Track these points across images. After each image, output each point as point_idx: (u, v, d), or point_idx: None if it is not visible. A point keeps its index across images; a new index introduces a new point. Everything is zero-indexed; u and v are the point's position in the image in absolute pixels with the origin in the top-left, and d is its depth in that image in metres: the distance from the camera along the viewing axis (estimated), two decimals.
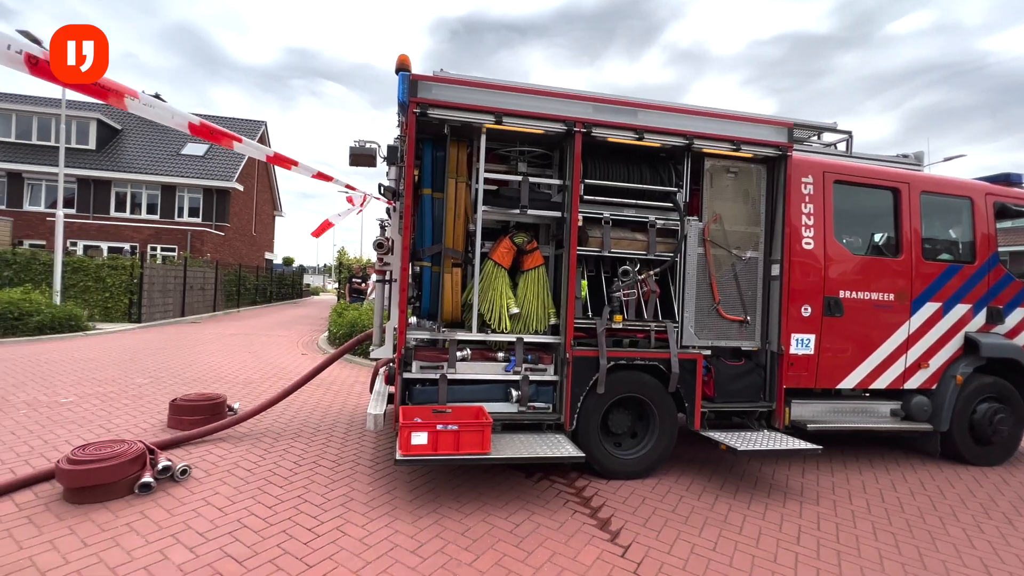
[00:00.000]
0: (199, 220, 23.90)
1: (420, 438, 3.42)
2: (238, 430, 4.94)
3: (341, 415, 5.66)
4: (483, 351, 4.06)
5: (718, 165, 4.37)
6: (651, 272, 4.20)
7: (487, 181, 4.09)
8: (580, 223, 4.01)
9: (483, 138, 3.95)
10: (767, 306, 4.42)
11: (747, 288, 4.40)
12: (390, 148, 4.74)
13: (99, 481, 3.40)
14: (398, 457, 3.37)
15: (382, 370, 4.71)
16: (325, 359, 5.21)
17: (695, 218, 4.34)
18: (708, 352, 4.28)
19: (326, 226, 11.58)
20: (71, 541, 2.93)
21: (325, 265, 69.78)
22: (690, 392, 4.14)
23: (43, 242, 19.90)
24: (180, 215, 23.91)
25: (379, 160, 4.97)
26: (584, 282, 4.17)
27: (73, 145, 22.30)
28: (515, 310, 3.98)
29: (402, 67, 3.76)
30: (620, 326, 4.10)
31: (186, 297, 16.34)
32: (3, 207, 21.80)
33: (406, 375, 3.86)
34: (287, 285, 32.00)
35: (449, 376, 3.90)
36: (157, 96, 26.62)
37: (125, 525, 3.12)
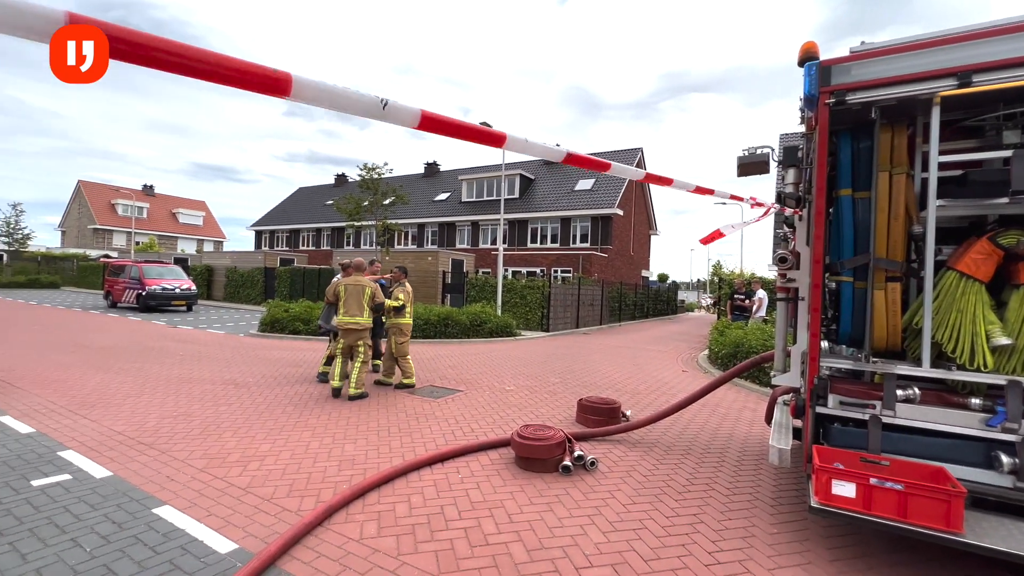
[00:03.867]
0: (588, 245, 28.23)
1: (845, 489, 2.82)
2: (631, 436, 5.36)
3: (731, 440, 5.36)
4: (941, 393, 3.02)
5: None
6: None
7: (944, 166, 3.07)
8: None
9: (935, 111, 2.99)
10: None
11: None
12: (786, 149, 4.23)
13: (537, 456, 4.28)
14: (813, 504, 2.86)
15: (782, 399, 4.18)
16: (715, 380, 5.05)
17: None
18: None
19: (716, 235, 11.55)
20: (521, 497, 3.76)
21: (698, 280, 69.86)
22: None
23: (489, 269, 27.76)
24: (573, 241, 28.88)
25: (772, 165, 4.52)
26: None
27: (506, 196, 30.46)
28: (1004, 340, 2.79)
29: (809, 56, 3.27)
30: None
31: (579, 311, 19.46)
32: (469, 246, 31.68)
33: (819, 409, 3.27)
34: (662, 301, 33.29)
35: (884, 419, 3.08)
36: (558, 145, 33.33)
37: (555, 496, 3.80)
